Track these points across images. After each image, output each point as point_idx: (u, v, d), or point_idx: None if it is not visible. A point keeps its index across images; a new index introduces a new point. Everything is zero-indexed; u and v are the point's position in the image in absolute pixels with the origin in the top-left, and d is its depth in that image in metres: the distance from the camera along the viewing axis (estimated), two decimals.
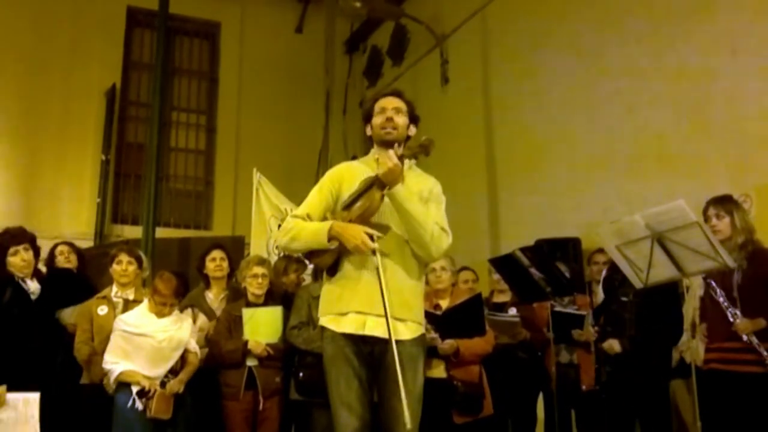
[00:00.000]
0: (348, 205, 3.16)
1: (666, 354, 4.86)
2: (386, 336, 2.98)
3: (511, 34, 8.33)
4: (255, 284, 5.00)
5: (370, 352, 3.13)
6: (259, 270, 5.03)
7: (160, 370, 4.54)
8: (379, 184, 3.08)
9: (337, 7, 9.91)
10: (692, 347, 4.45)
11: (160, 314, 4.64)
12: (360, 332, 3.11)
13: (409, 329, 3.18)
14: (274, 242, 6.71)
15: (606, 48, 6.89)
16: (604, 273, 5.18)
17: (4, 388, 4.01)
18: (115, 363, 4.47)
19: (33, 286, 4.41)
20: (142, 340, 4.52)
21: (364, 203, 3.10)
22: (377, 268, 3.04)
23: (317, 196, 3.31)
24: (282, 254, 6.25)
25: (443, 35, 9.42)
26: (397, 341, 2.98)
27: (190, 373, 4.64)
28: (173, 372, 4.58)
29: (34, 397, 3.97)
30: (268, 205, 6.95)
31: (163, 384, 4.46)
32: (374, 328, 3.08)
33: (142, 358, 4.53)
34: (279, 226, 6.73)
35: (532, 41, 7.90)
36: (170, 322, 4.66)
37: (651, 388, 4.76)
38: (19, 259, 4.40)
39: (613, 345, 4.66)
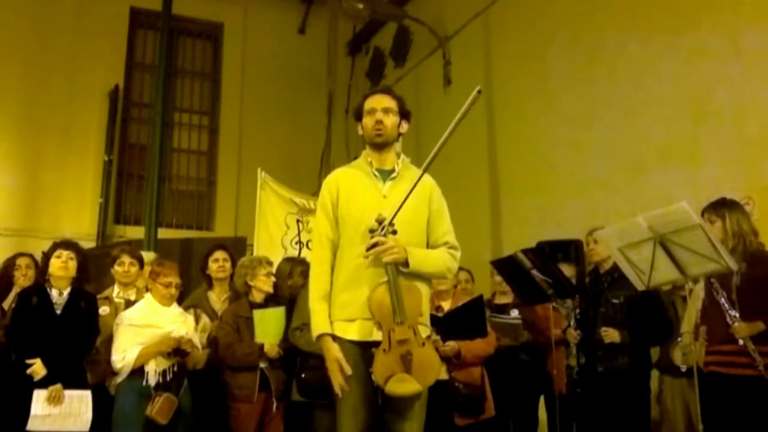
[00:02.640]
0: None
1: (647, 354, 4.90)
2: None
3: (513, 36, 8.33)
4: (269, 283, 5.02)
5: (373, 358, 3.11)
6: (271, 269, 5.08)
7: (166, 364, 4.54)
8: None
9: (340, 9, 9.90)
10: (695, 350, 4.46)
11: (167, 301, 4.65)
12: (367, 339, 3.11)
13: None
14: (291, 239, 6.74)
15: (609, 50, 6.89)
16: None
17: (59, 386, 4.29)
18: (125, 353, 4.45)
19: (60, 299, 4.50)
20: (150, 332, 4.51)
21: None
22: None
23: (323, 216, 3.31)
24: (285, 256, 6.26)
25: (446, 37, 9.43)
26: None
27: (195, 357, 4.66)
28: (179, 369, 4.57)
29: (86, 394, 4.39)
30: (280, 203, 6.95)
31: (167, 386, 4.44)
32: (380, 334, 3.09)
33: None
34: (298, 221, 6.77)
35: (535, 43, 7.90)
36: (177, 315, 4.68)
37: (633, 385, 4.77)
38: (59, 262, 4.52)
39: (612, 334, 4.64)
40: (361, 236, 3.16)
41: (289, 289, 5.30)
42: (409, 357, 2.99)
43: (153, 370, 4.46)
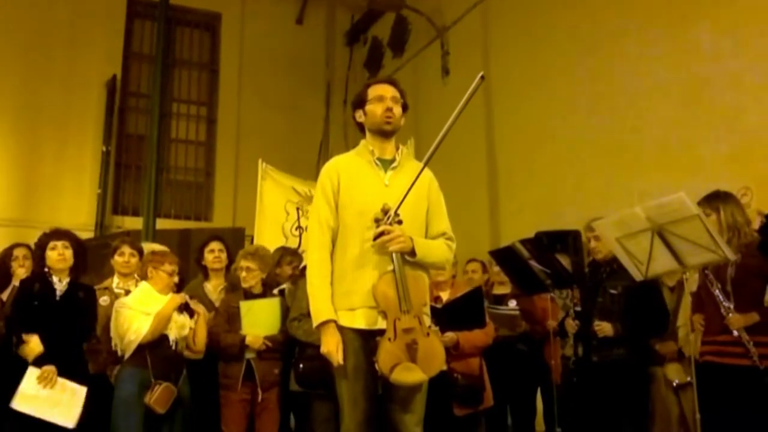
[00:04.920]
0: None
1: (647, 343, 4.89)
2: None
3: (511, 26, 8.32)
4: (245, 278, 5.01)
5: (376, 347, 3.10)
6: (244, 263, 5.03)
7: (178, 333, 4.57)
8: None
9: None
10: (690, 340, 4.49)
11: (167, 289, 4.65)
12: (372, 327, 3.12)
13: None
14: (292, 225, 6.74)
15: (606, 39, 6.89)
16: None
17: (53, 368, 4.27)
18: (137, 326, 4.43)
19: (60, 285, 4.54)
20: (148, 319, 4.48)
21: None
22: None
23: (323, 202, 3.28)
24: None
25: (444, 27, 9.41)
26: None
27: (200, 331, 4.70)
28: (177, 359, 4.58)
29: (81, 390, 4.35)
30: (281, 191, 6.95)
31: (167, 376, 4.43)
32: (384, 323, 3.09)
33: None
34: (297, 209, 6.77)
35: (533, 33, 7.89)
36: None
37: (631, 375, 4.77)
38: (56, 254, 4.56)
39: (605, 327, 4.65)
40: (365, 225, 3.16)
41: (276, 277, 5.31)
42: (415, 346, 3.00)
43: (172, 333, 4.51)
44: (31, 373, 4.26)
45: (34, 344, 4.31)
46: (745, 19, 5.58)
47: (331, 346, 3.06)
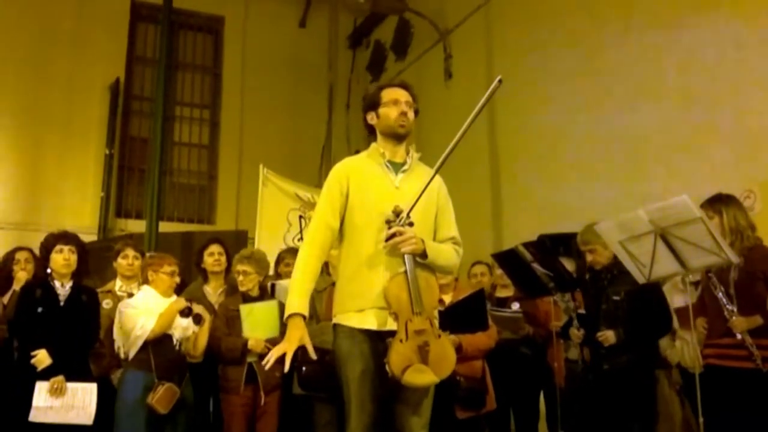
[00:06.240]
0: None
1: (653, 346, 4.87)
2: None
3: (514, 29, 8.32)
4: (242, 281, 5.01)
5: (386, 349, 3.09)
6: (240, 267, 5.02)
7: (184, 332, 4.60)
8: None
9: (341, 2, 9.90)
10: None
11: (170, 291, 4.68)
12: (382, 329, 3.11)
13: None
14: (294, 236, 6.74)
15: (609, 42, 6.88)
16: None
17: (61, 378, 4.33)
18: (142, 323, 4.45)
19: (63, 290, 4.58)
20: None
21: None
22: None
23: (327, 203, 3.27)
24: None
25: (447, 30, 9.42)
26: None
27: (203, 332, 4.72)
28: (180, 361, 4.59)
29: (91, 387, 4.46)
30: (283, 198, 6.95)
31: (170, 377, 4.44)
32: (394, 324, 3.09)
33: None
34: (300, 217, 6.76)
35: (536, 36, 7.89)
36: None
37: (639, 380, 4.75)
38: (61, 258, 4.57)
39: (609, 336, 4.64)
40: (375, 226, 3.16)
41: (277, 278, 5.32)
42: (426, 348, 2.99)
43: (177, 332, 4.54)
44: (41, 388, 4.31)
45: (42, 356, 4.35)
46: (747, 20, 5.57)
47: (291, 342, 3.09)
